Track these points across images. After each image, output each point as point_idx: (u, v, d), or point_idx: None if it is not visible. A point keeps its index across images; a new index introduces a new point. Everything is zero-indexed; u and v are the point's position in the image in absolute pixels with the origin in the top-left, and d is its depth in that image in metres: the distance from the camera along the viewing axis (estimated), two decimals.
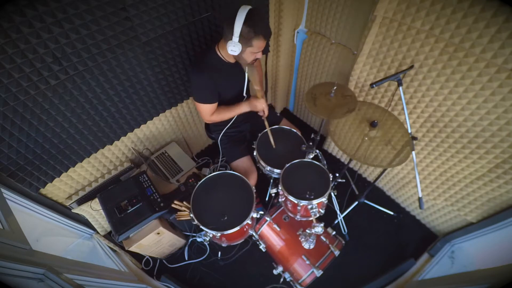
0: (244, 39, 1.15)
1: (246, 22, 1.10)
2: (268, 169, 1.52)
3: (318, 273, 1.42)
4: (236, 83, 1.46)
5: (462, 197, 1.56)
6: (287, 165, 1.44)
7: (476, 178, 1.42)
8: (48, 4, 0.93)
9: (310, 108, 1.34)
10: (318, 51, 1.93)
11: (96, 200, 1.52)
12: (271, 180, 1.73)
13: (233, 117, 1.53)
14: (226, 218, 1.31)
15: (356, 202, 1.99)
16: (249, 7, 1.11)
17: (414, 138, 1.22)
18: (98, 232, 1.79)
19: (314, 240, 1.39)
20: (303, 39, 2.00)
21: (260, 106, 1.48)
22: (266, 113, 1.53)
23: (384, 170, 1.76)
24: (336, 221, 1.96)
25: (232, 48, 1.17)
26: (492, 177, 1.35)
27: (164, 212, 1.49)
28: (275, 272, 1.55)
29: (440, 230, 1.87)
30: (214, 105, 1.41)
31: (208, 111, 1.41)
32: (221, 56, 1.32)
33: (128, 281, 1.60)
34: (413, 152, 1.20)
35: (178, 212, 1.51)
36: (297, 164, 1.44)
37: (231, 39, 1.15)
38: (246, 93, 1.53)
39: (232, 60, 1.35)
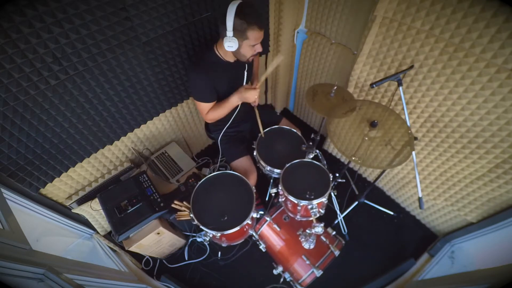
0: (239, 32, 1.14)
1: (237, 15, 1.09)
2: (268, 169, 1.52)
3: (318, 273, 1.42)
4: (235, 83, 1.45)
5: (462, 197, 1.56)
6: (287, 165, 1.44)
7: (476, 178, 1.42)
8: (48, 4, 0.93)
9: (308, 103, 1.34)
10: (318, 51, 1.93)
11: (96, 200, 1.52)
12: (271, 180, 1.73)
13: (232, 116, 1.53)
14: (226, 218, 1.31)
15: (356, 202, 1.99)
16: (239, 0, 1.11)
17: (414, 138, 1.22)
18: (98, 232, 1.79)
19: (314, 240, 1.39)
20: (303, 39, 2.00)
21: (252, 97, 1.37)
22: (257, 102, 1.50)
23: (384, 170, 1.76)
24: (336, 221, 1.96)
25: (229, 44, 1.16)
26: (492, 177, 1.35)
27: (164, 212, 1.49)
28: (275, 272, 1.55)
29: (440, 230, 1.87)
30: (213, 104, 1.41)
31: (206, 109, 1.41)
32: (220, 56, 1.32)
33: (128, 281, 1.60)
34: (413, 152, 1.20)
35: (178, 212, 1.51)
36: (297, 164, 1.44)
37: (226, 35, 1.15)
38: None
39: (231, 59, 1.34)
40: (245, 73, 1.44)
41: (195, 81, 1.32)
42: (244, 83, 1.48)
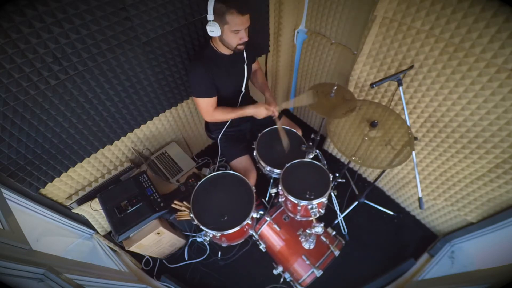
0: (218, 17, 1.13)
1: None
2: (268, 169, 1.52)
3: (318, 273, 1.42)
4: (234, 76, 1.44)
5: (462, 197, 1.56)
6: (287, 165, 1.44)
7: (476, 178, 1.42)
8: (48, 4, 0.93)
9: (309, 105, 1.34)
10: (318, 51, 1.93)
11: (96, 200, 1.52)
12: (271, 180, 1.73)
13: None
14: (226, 218, 1.31)
15: (356, 202, 1.99)
16: None
17: (414, 138, 1.22)
18: (98, 232, 1.79)
19: (314, 240, 1.39)
20: (303, 39, 2.00)
21: (263, 115, 1.45)
22: (277, 114, 1.50)
23: (384, 170, 1.76)
24: (336, 221, 1.96)
25: (210, 29, 1.16)
26: (492, 177, 1.35)
27: (164, 212, 1.49)
28: (275, 272, 1.55)
29: (440, 230, 1.87)
30: (213, 99, 1.39)
31: (207, 106, 1.39)
32: (216, 49, 1.32)
33: (128, 281, 1.60)
34: (413, 152, 1.20)
35: (178, 212, 1.51)
36: (297, 164, 1.44)
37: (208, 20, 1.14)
38: (244, 88, 1.51)
39: (227, 52, 1.34)
40: (245, 67, 1.43)
41: (193, 74, 1.31)
42: (245, 79, 1.47)
